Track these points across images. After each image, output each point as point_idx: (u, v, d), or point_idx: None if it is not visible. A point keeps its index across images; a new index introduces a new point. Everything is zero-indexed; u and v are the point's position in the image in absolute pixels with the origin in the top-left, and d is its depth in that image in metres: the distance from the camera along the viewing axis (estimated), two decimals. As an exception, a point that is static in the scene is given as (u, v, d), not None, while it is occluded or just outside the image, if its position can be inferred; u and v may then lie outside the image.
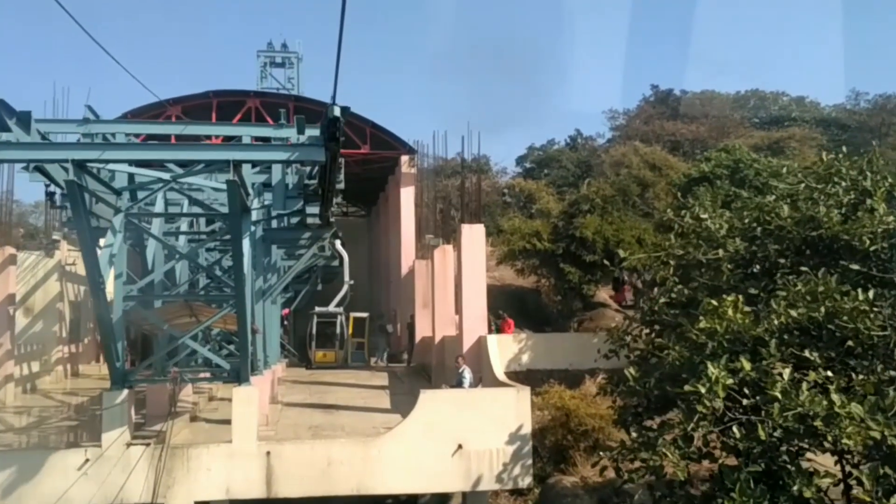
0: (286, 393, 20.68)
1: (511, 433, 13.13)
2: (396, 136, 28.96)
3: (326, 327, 27.11)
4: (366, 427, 15.43)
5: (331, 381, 23.00)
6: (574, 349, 23.98)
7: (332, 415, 17.38)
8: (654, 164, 38.44)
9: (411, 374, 24.10)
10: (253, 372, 16.36)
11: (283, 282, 20.62)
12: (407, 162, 28.74)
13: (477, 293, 16.84)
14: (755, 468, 8.98)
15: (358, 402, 19.29)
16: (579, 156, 57.37)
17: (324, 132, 9.82)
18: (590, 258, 29.04)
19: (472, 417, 13.12)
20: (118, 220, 12.19)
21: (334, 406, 18.56)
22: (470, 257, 16.85)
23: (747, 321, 10.17)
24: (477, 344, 16.75)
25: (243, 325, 11.99)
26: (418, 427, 13.06)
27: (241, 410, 12.61)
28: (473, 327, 16.75)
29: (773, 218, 12.82)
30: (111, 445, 12.06)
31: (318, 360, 26.59)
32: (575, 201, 30.62)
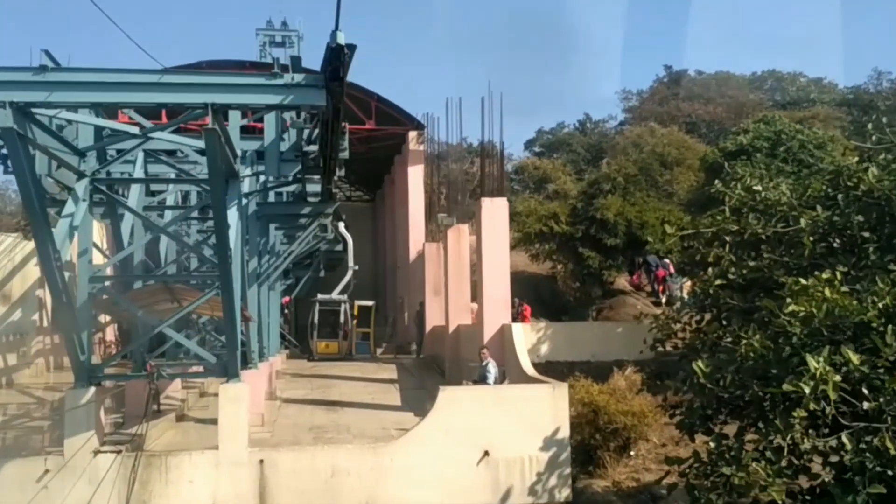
0: (285, 387, 18.80)
1: (546, 437, 11.22)
2: (403, 111, 26.93)
3: (329, 316, 25.18)
4: (375, 428, 13.52)
5: (334, 374, 21.11)
6: (597, 339, 22.06)
7: (335, 413, 15.48)
8: (673, 145, 36.43)
9: (421, 367, 22.19)
10: (246, 365, 14.49)
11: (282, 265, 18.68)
12: (415, 138, 26.70)
13: (499, 276, 14.89)
14: (876, 489, 7.04)
15: (364, 397, 17.39)
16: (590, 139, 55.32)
17: (324, 69, 7.84)
18: (611, 242, 27.12)
19: (500, 419, 11.20)
20: (81, 187, 10.23)
21: (338, 402, 16.66)
22: (491, 235, 14.89)
23: (851, 303, 8.19)
24: (499, 333, 14.82)
25: (230, 312, 10.06)
26: (437, 430, 11.15)
27: (228, 411, 10.70)
28: (495, 315, 14.81)
29: (856, 183, 10.83)
30: (76, 453, 10.15)
31: (321, 352, 24.69)
32: (595, 181, 28.62)
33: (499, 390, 11.56)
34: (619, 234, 27.16)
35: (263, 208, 14.97)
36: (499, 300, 14.89)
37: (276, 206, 15.47)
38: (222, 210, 9.04)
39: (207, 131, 7.76)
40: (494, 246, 14.94)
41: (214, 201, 9.08)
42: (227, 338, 10.78)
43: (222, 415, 10.69)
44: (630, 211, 27.40)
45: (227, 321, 10.28)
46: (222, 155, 8.81)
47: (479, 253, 15.24)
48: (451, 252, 18.80)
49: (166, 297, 11.87)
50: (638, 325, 25.15)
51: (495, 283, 14.91)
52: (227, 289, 9.77)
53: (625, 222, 27.18)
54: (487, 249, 14.93)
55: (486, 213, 14.93)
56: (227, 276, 9.63)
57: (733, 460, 7.77)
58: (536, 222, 27.01)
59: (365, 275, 31.12)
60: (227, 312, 10.11)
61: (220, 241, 9.36)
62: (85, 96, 7.94)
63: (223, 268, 9.58)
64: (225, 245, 9.35)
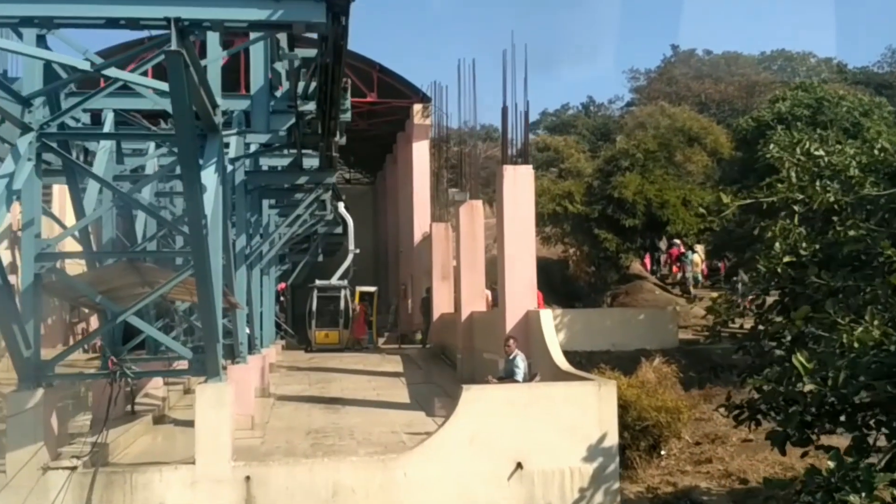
0: (280, 382, 16.93)
1: (591, 446, 9.37)
2: (408, 82, 24.96)
3: (329, 303, 23.27)
4: (382, 432, 11.67)
5: (334, 366, 19.26)
6: (617, 327, 20.33)
7: (337, 412, 13.62)
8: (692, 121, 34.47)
9: (429, 358, 20.34)
10: (233, 359, 12.61)
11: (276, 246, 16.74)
12: (420, 111, 24.69)
13: (523, 255, 13.00)
14: None
15: (369, 393, 15.54)
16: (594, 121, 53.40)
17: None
18: (629, 222, 25.30)
19: (535, 424, 9.35)
20: (25, 142, 8.28)
21: (340, 400, 14.80)
22: (514, 208, 12.98)
23: None
24: (524, 321, 12.94)
25: (207, 296, 8.15)
26: (460, 438, 9.28)
27: (207, 418, 8.81)
28: (519, 300, 12.92)
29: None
30: (20, 470, 8.26)
31: (320, 342, 22.79)
32: (612, 157, 26.70)
33: (533, 389, 9.69)
34: (637, 215, 25.32)
35: (253, 178, 13.01)
36: (523, 283, 13.01)
37: (267, 176, 13.54)
38: (192, 165, 7.10)
39: (169, 54, 5.81)
40: (518, 220, 13.04)
41: (182, 151, 7.14)
42: (203, 328, 8.87)
43: (200, 422, 8.81)
44: (649, 189, 25.53)
45: (203, 307, 8.37)
46: (193, 94, 6.87)
47: (500, 229, 13.34)
48: (463, 231, 16.89)
49: (135, 280, 9.94)
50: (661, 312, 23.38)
51: (519, 263, 13.02)
52: (202, 267, 7.85)
53: (644, 201, 25.32)
54: (510, 224, 13.02)
55: (508, 183, 13.00)
56: (201, 252, 7.71)
57: (864, 486, 5.92)
58: (549, 202, 25.13)
59: (365, 261, 29.22)
60: (202, 296, 8.20)
61: (192, 206, 7.44)
62: (9, 8, 5.99)
63: (195, 241, 7.66)
64: (197, 212, 7.42)
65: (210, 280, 8.15)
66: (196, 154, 7.18)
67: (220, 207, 9.40)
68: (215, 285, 8.98)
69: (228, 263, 11.30)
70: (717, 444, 15.81)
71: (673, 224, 25.33)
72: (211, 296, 8.26)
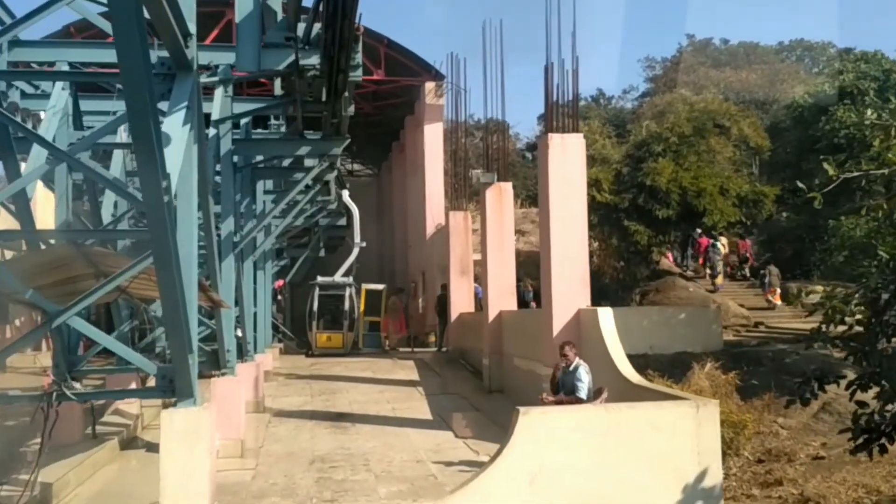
0: (277, 393, 14.60)
1: (687, 486, 7.05)
2: (419, 58, 22.57)
3: (332, 302, 20.89)
4: (406, 461, 9.37)
5: (340, 373, 16.93)
6: (655, 328, 17.87)
7: (346, 432, 11.30)
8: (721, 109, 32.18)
9: (447, 364, 17.99)
10: (219, 370, 10.28)
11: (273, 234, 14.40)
12: (433, 90, 22.32)
13: (574, 241, 10.66)
14: None
15: (382, 407, 13.21)
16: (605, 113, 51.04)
17: None
18: (662, 213, 22.93)
19: (614, 458, 7.02)
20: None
21: (348, 416, 12.49)
22: (562, 185, 10.64)
23: None
24: (575, 322, 10.59)
25: (171, 289, 5.81)
26: (518, 477, 6.94)
27: (176, 455, 6.48)
28: (568, 295, 10.56)
29: None
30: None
31: (322, 345, 20.40)
32: (643, 142, 24.32)
33: (611, 413, 7.34)
34: (671, 204, 22.99)
35: (243, 149, 10.66)
36: (574, 275, 10.65)
37: (260, 146, 11.20)
38: (142, 104, 4.76)
39: None
40: (566, 200, 10.69)
41: (128, 82, 4.79)
42: (168, 334, 6.54)
43: (166, 461, 6.48)
44: (684, 177, 23.18)
45: (168, 306, 6.03)
46: (153, 8, 4.55)
47: (545, 210, 10.99)
48: (490, 217, 14.55)
49: (88, 270, 7.58)
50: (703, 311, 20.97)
51: (568, 251, 10.67)
52: (164, 251, 5.52)
53: (678, 190, 22.98)
54: (557, 205, 10.67)
55: (555, 155, 10.65)
56: (161, 230, 5.37)
57: None
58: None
59: (369, 258, 26.83)
60: (165, 291, 5.86)
61: (145, 164, 5.10)
62: None
63: (153, 215, 5.32)
64: (153, 172, 5.08)
65: (175, 269, 5.81)
66: (146, 86, 4.82)
67: (193, 174, 7.06)
68: (186, 277, 6.65)
69: (211, 252, 8.98)
70: (783, 461, 13.59)
71: (710, 214, 23.00)
72: (177, 290, 5.91)
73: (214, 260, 9.06)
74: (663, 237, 23.74)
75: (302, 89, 10.49)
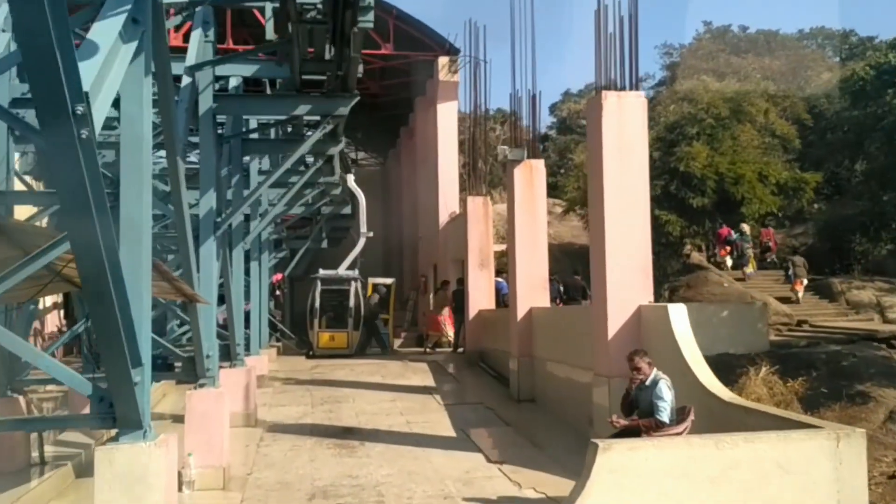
0: (273, 402, 12.65)
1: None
2: (432, 31, 20.54)
3: (335, 298, 18.91)
4: (431, 496, 7.41)
5: (344, 378, 14.97)
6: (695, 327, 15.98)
7: (353, 454, 9.32)
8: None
9: (464, 367, 16.01)
10: (196, 380, 8.32)
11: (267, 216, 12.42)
12: (447, 65, 20.27)
13: (634, 223, 8.65)
14: None
15: (395, 420, 11.23)
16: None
17: None
18: (697, 202, 20.93)
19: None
20: None
21: (356, 432, 10.52)
22: (619, 152, 8.62)
23: None
24: (634, 321, 8.58)
25: (93, 277, 3.82)
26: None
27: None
28: (627, 289, 8.56)
29: None
30: None
31: (324, 346, 18.42)
32: (675, 124, 22.29)
33: (722, 449, 5.33)
34: (707, 192, 20.97)
35: (227, 107, 8.65)
36: (633, 265, 8.64)
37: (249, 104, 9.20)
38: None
39: None
40: (624, 173, 8.68)
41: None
42: (99, 341, 4.58)
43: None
44: (720, 162, 21.16)
45: (92, 302, 4.06)
46: None
47: (596, 186, 8.97)
48: (519, 200, 12.55)
49: (11, 252, 5.60)
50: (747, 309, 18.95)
51: (626, 236, 8.66)
52: (80, 217, 3.55)
53: (714, 176, 20.96)
54: (612, 179, 8.65)
55: (610, 117, 8.64)
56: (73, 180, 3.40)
57: None
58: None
59: (374, 251, 24.83)
60: (86, 278, 3.89)
61: (38, 64, 3.10)
62: None
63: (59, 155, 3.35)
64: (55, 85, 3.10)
65: (105, 249, 3.84)
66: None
67: (145, 117, 5.08)
68: (131, 261, 4.70)
69: (182, 233, 6.99)
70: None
71: (748, 204, 20.98)
72: (105, 279, 3.94)
73: (187, 243, 7.07)
74: (697, 227, 21.75)
75: (301, 34, 8.51)
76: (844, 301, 20.59)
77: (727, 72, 44.60)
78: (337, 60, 9.18)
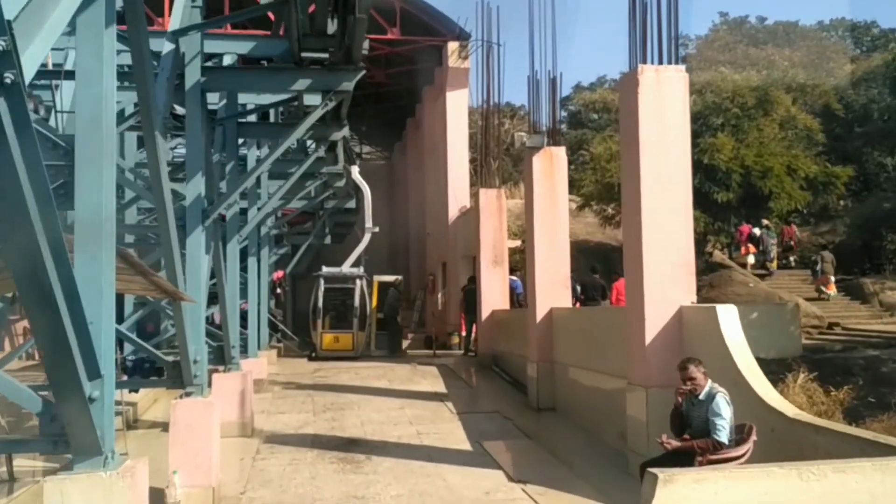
0: (272, 409, 11.71)
1: None
2: (441, 14, 19.61)
3: (339, 296, 17.98)
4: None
5: (349, 382, 14.03)
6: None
7: (359, 470, 8.38)
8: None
9: (477, 371, 15.04)
10: (183, 388, 7.40)
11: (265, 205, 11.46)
12: (457, 51, 19.30)
13: (675, 214, 7.66)
14: None
15: (405, 430, 10.27)
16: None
17: None
18: (723, 197, 19.94)
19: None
20: None
21: (361, 444, 9.57)
22: (658, 133, 7.63)
23: None
24: (675, 324, 7.58)
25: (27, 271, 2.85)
26: None
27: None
28: (667, 288, 7.58)
29: None
30: None
31: (328, 347, 17.48)
32: (699, 114, 21.25)
33: (805, 479, 4.36)
34: (732, 187, 19.97)
35: (216, 80, 7.69)
36: (674, 261, 7.65)
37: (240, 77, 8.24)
38: None
39: None
40: (663, 157, 7.70)
41: None
42: (39, 344, 3.68)
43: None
44: (747, 154, 20.16)
45: (28, 302, 3.10)
46: None
47: (631, 172, 7.98)
48: (538, 190, 11.58)
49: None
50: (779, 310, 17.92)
51: (666, 229, 7.68)
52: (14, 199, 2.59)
53: (740, 169, 19.96)
54: (650, 164, 7.67)
55: (647, 94, 7.66)
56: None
57: None
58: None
59: (378, 248, 23.85)
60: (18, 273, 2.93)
61: None
62: None
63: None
64: None
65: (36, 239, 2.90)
66: None
67: (106, 76, 4.15)
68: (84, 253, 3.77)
69: (164, 222, 6.05)
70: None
71: (776, 199, 19.96)
72: (46, 277, 3.00)
73: (169, 232, 6.12)
74: (722, 224, 20.74)
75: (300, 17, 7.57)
76: (878, 302, 19.51)
77: (745, 63, 43.59)
78: (340, 35, 8.24)
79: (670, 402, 7.56)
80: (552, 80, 11.71)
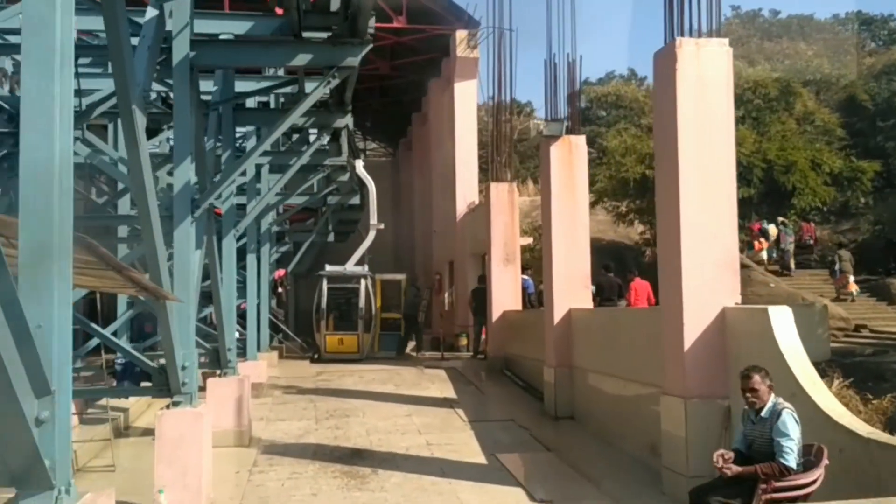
0: (271, 415, 10.97)
1: None
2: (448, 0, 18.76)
3: (343, 296, 17.22)
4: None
5: (353, 387, 13.28)
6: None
7: (364, 486, 7.62)
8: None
9: (487, 376, 14.25)
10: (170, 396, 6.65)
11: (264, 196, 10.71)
12: (465, 40, 18.52)
13: (718, 208, 6.88)
14: None
15: (414, 440, 9.51)
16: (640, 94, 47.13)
17: None
18: (744, 192, 19.08)
19: None
20: None
21: (367, 455, 8.82)
22: (697, 115, 6.87)
23: None
24: (717, 327, 6.80)
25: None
26: None
27: None
28: (709, 288, 6.80)
29: None
30: None
31: (331, 350, 16.72)
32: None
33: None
34: (753, 182, 19.17)
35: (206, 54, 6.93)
36: (716, 259, 6.86)
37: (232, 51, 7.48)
38: None
39: None
40: (703, 143, 6.93)
41: None
42: None
43: None
44: (769, 148, 19.36)
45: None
46: None
47: (666, 159, 7.21)
48: (556, 182, 10.80)
49: None
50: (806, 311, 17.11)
51: (708, 224, 6.90)
52: None
53: (762, 164, 19.17)
54: (688, 150, 6.90)
55: (686, 70, 6.90)
56: None
57: None
58: (638, 163, 18.97)
59: (384, 249, 23.10)
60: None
61: None
62: None
63: None
64: None
65: None
66: None
67: (61, 23, 3.41)
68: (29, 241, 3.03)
69: (144, 211, 5.31)
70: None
71: (800, 195, 19.15)
72: None
73: (150, 222, 5.37)
74: (742, 221, 19.93)
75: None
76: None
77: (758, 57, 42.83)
78: (343, 10, 7.50)
79: (712, 415, 6.81)
80: (570, 63, 10.92)
